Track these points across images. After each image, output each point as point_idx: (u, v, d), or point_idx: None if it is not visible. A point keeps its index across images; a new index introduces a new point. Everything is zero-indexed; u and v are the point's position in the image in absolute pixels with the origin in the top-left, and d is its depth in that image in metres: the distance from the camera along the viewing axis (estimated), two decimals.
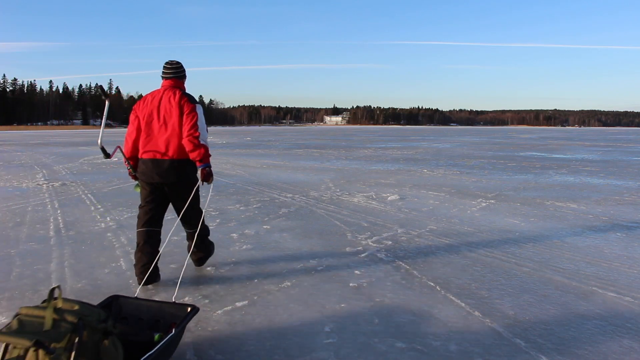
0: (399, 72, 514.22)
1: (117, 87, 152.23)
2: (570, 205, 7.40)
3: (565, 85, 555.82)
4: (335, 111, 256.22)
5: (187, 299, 3.44)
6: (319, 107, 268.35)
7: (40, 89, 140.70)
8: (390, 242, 5.02)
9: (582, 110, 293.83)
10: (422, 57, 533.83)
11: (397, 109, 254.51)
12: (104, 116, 3.78)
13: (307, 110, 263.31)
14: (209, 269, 4.12)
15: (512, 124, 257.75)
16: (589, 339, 2.84)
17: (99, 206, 7.09)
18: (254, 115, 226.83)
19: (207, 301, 3.39)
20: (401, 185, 9.45)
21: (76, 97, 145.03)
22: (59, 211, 6.70)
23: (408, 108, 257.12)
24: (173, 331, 2.39)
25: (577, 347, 2.73)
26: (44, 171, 12.29)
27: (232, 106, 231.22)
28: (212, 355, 2.63)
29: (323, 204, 7.24)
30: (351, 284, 3.74)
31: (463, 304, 3.34)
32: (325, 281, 3.82)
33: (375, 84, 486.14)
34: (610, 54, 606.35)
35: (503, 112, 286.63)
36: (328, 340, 2.80)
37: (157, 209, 3.72)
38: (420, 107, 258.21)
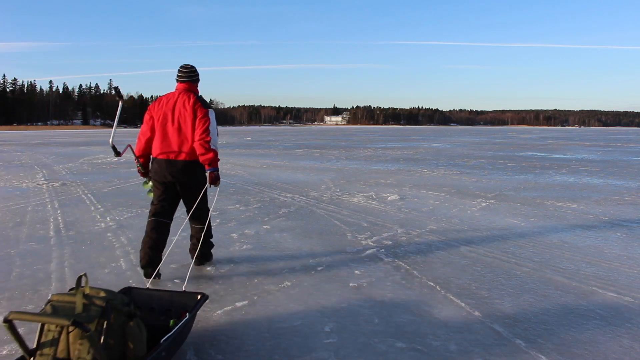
0: (399, 72, 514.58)
1: (117, 87, 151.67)
2: (570, 205, 7.40)
3: (565, 85, 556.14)
4: (335, 111, 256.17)
5: None
6: (319, 107, 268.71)
7: (40, 89, 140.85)
8: (390, 242, 5.02)
9: (582, 110, 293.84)
10: (422, 57, 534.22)
11: (397, 109, 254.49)
12: (116, 116, 3.96)
13: (307, 110, 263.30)
14: (209, 269, 4.13)
15: (512, 124, 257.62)
16: (589, 339, 2.84)
17: (99, 206, 7.09)
18: (254, 115, 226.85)
19: (207, 301, 3.39)
20: (401, 185, 9.46)
21: (76, 97, 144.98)
22: (59, 211, 6.70)
23: (408, 108, 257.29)
24: (187, 316, 2.54)
25: (577, 347, 2.73)
26: (44, 171, 12.29)
27: (232, 106, 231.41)
28: (212, 355, 2.63)
29: (323, 204, 7.24)
30: (351, 284, 3.74)
31: (463, 304, 3.34)
32: (325, 281, 3.82)
33: (375, 84, 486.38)
34: (610, 54, 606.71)
35: (503, 112, 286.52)
36: (328, 340, 2.80)
37: (168, 205, 3.91)
38: (420, 107, 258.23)
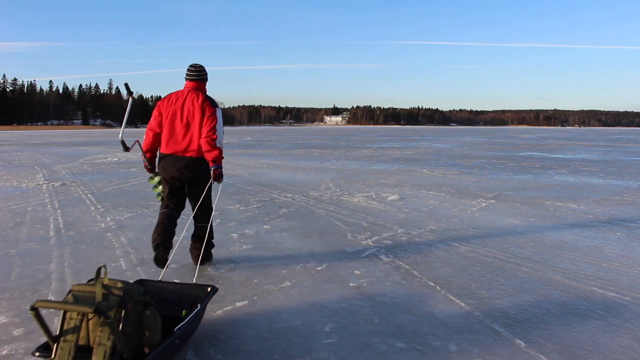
0: (399, 72, 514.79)
1: (117, 87, 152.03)
2: (570, 205, 7.40)
3: (565, 85, 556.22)
4: (335, 111, 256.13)
5: None
6: (319, 107, 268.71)
7: (40, 89, 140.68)
8: (390, 242, 5.02)
9: (582, 110, 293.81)
10: (422, 57, 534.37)
11: (397, 109, 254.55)
12: (126, 112, 4.01)
13: (307, 110, 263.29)
14: (209, 269, 4.13)
15: (512, 124, 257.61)
16: (589, 339, 2.84)
17: (99, 206, 7.09)
18: (254, 115, 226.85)
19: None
20: (401, 185, 9.45)
21: (76, 97, 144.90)
22: (59, 211, 6.70)
23: (408, 108, 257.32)
24: (199, 306, 2.67)
25: (577, 347, 2.73)
26: (44, 171, 12.29)
27: (232, 106, 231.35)
28: (212, 355, 2.63)
29: (323, 204, 7.24)
30: (351, 284, 3.74)
31: (463, 304, 3.34)
32: (325, 281, 3.82)
33: (375, 84, 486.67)
34: (610, 54, 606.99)
35: (503, 112, 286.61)
36: (328, 340, 2.80)
37: (176, 200, 4.06)
38: (420, 107, 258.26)
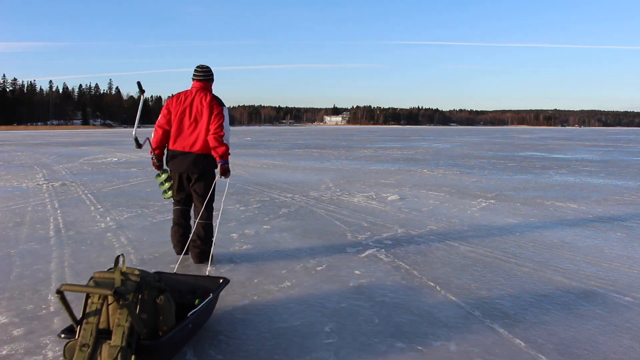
0: (399, 72, 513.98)
1: (117, 87, 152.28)
2: (570, 205, 7.41)
3: (565, 85, 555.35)
4: (335, 111, 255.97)
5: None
6: (319, 107, 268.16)
7: (40, 89, 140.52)
8: (390, 242, 5.02)
9: (582, 110, 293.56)
10: (422, 57, 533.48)
11: (397, 109, 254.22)
12: (139, 109, 4.11)
13: (307, 110, 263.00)
14: (209, 269, 4.12)
15: (512, 124, 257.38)
16: (589, 339, 2.84)
17: (99, 206, 7.09)
18: (254, 115, 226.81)
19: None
20: (401, 185, 9.46)
21: (76, 97, 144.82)
22: (59, 211, 6.70)
23: (408, 108, 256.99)
24: (211, 295, 2.84)
25: (577, 347, 2.73)
26: (44, 171, 12.29)
27: (232, 106, 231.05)
28: (212, 355, 2.63)
29: (323, 204, 7.24)
30: (351, 284, 3.74)
31: (463, 304, 3.34)
32: (325, 281, 3.82)
33: (375, 84, 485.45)
34: (610, 54, 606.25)
35: (503, 112, 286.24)
36: (328, 340, 2.80)
37: (185, 192, 4.24)
38: (420, 107, 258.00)
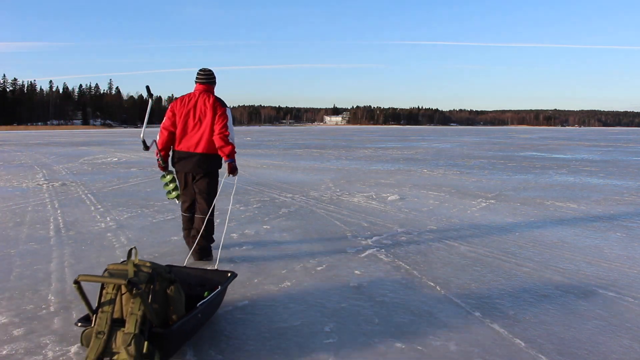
0: (399, 72, 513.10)
1: (117, 87, 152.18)
2: (570, 205, 7.41)
3: (565, 85, 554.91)
4: (335, 111, 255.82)
5: None
6: (319, 107, 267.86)
7: (40, 89, 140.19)
8: (390, 242, 5.02)
9: (582, 110, 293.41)
10: (422, 57, 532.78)
11: (397, 109, 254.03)
12: (147, 113, 4.23)
13: (307, 110, 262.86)
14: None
15: (512, 124, 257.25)
16: (589, 339, 2.84)
17: (99, 206, 7.09)
18: (254, 115, 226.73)
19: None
20: (401, 185, 9.46)
21: (76, 97, 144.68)
22: (59, 211, 6.70)
23: (408, 108, 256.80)
24: (219, 288, 2.95)
25: (577, 347, 2.73)
26: (44, 171, 12.29)
27: (232, 106, 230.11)
28: (212, 355, 2.63)
29: (323, 204, 7.24)
30: (351, 284, 3.74)
31: (463, 304, 3.34)
32: (325, 281, 3.82)
33: (375, 84, 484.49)
34: (610, 53, 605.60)
35: (503, 112, 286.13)
36: (328, 340, 2.80)
37: (190, 193, 4.33)
38: (420, 107, 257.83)
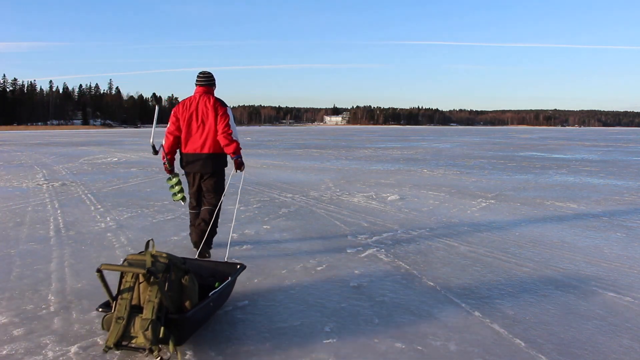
0: (399, 72, 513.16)
1: (117, 87, 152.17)
2: (570, 205, 7.41)
3: (565, 85, 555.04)
4: (335, 111, 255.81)
5: None
6: (319, 107, 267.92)
7: (40, 89, 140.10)
8: (390, 242, 5.02)
9: (582, 110, 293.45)
10: (422, 57, 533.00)
11: (397, 109, 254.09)
12: (155, 118, 4.28)
13: (307, 110, 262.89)
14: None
15: (512, 124, 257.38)
16: (589, 339, 2.84)
17: (99, 206, 7.09)
18: (254, 115, 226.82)
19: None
20: (401, 185, 9.46)
21: (76, 97, 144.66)
22: (59, 211, 6.70)
23: (408, 108, 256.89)
24: (229, 279, 3.10)
25: (577, 347, 2.73)
26: (44, 171, 12.29)
27: (232, 106, 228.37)
28: (212, 356, 2.63)
29: (323, 204, 7.24)
30: (351, 284, 3.74)
31: (463, 304, 3.34)
32: (325, 281, 3.82)
33: (375, 84, 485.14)
34: (610, 53, 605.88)
35: (503, 112, 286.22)
36: (328, 340, 2.80)
37: (199, 195, 4.50)
38: (420, 107, 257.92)
